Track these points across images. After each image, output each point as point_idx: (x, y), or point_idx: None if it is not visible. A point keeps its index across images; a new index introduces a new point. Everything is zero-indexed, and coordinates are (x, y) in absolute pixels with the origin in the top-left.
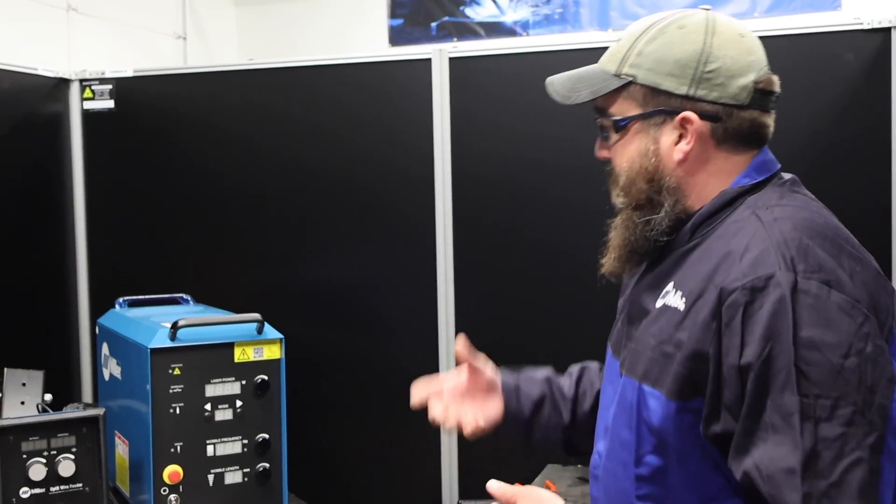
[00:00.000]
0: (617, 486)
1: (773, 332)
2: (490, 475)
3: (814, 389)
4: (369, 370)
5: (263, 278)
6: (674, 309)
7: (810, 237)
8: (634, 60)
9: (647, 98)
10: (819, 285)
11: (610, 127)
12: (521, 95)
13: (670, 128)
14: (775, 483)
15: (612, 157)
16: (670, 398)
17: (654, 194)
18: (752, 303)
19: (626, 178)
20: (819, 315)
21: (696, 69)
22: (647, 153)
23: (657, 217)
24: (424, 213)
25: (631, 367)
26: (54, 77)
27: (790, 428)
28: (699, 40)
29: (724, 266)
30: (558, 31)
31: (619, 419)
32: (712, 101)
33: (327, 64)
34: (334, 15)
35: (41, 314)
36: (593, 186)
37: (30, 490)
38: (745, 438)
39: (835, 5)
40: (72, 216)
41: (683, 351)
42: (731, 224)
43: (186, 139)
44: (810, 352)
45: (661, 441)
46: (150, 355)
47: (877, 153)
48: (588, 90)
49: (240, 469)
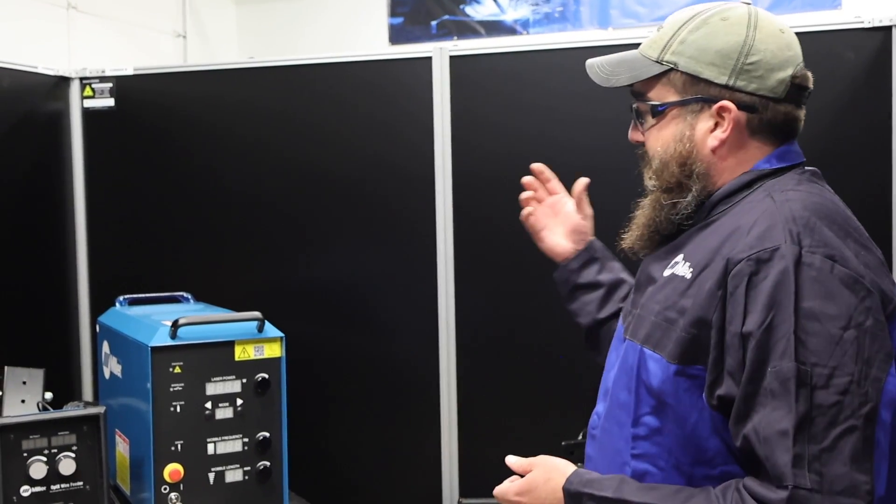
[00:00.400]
0: (613, 444)
1: (774, 302)
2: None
3: (811, 358)
4: (370, 368)
5: (264, 277)
6: (680, 277)
7: (819, 217)
8: (677, 48)
9: (686, 85)
10: (823, 259)
11: (647, 111)
12: (521, 94)
13: (707, 115)
14: (769, 445)
15: (645, 140)
16: (671, 361)
17: (684, 178)
18: (756, 273)
19: (659, 162)
20: (821, 287)
21: (737, 60)
22: (682, 138)
23: (684, 201)
24: (425, 212)
25: (634, 331)
26: (54, 75)
27: (787, 393)
28: (742, 32)
29: (732, 239)
30: (558, 30)
31: (619, 381)
32: (751, 93)
33: (328, 62)
34: (335, 13)
35: (42, 312)
36: (594, 185)
37: (30, 488)
38: (745, 404)
39: (835, 4)
40: (72, 214)
41: (687, 317)
42: (746, 204)
43: (187, 137)
44: (810, 322)
45: (660, 402)
46: (151, 353)
47: (877, 151)
48: (627, 74)
49: (240, 467)
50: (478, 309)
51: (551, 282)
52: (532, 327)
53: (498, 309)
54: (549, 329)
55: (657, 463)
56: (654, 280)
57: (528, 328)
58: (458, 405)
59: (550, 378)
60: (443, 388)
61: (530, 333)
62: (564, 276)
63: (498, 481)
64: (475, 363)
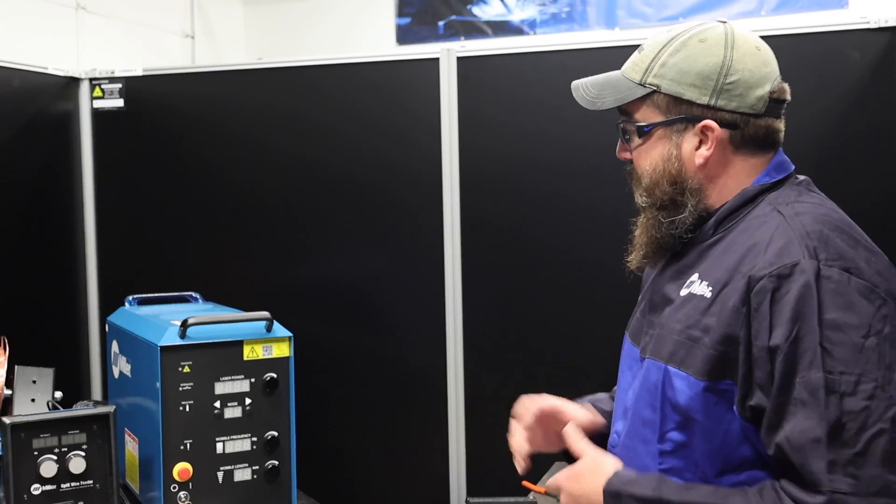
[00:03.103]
0: (638, 461)
1: (799, 315)
2: (498, 473)
3: (838, 367)
4: (377, 368)
5: (272, 277)
6: (699, 297)
7: (830, 229)
8: (658, 71)
9: (670, 106)
10: (840, 272)
11: (633, 131)
12: (529, 95)
13: (691, 134)
14: (804, 453)
15: (634, 158)
16: (700, 378)
17: (677, 195)
18: (778, 289)
19: (649, 180)
20: (841, 299)
21: (717, 81)
22: (669, 157)
23: (681, 216)
24: (432, 213)
25: (655, 350)
26: (64, 76)
27: (817, 402)
28: (720, 54)
29: (750, 256)
30: (565, 30)
31: (641, 400)
32: (731, 111)
33: (335, 63)
34: (342, 14)
35: (51, 312)
36: (601, 186)
37: (41, 487)
38: (776, 414)
39: (841, 4)
40: (81, 214)
41: (713, 335)
42: (752, 219)
43: (195, 138)
44: (834, 332)
45: (686, 418)
46: (160, 353)
47: (883, 151)
48: (613, 97)
49: (249, 466)
50: (485, 309)
51: (558, 282)
52: (539, 327)
53: (505, 309)
54: (555, 329)
55: (684, 476)
56: (671, 300)
57: (534, 327)
58: (466, 405)
59: (557, 378)
60: (450, 387)
61: (537, 333)
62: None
63: (505, 481)
64: (482, 363)
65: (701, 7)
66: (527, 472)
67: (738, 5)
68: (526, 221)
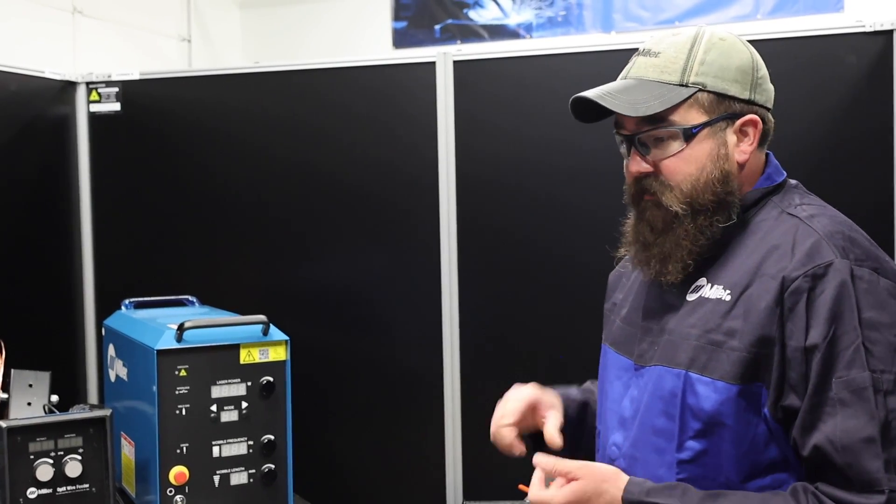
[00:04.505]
0: (650, 472)
1: (836, 315)
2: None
3: (879, 365)
4: (374, 372)
5: (269, 280)
6: (716, 300)
7: (849, 230)
8: (700, 69)
9: (713, 104)
10: (870, 272)
11: (670, 136)
12: (525, 98)
13: (730, 132)
14: (853, 452)
15: (663, 167)
16: (731, 382)
17: (725, 196)
18: (814, 289)
19: (693, 186)
20: (874, 298)
21: (752, 75)
22: (719, 157)
23: (723, 216)
24: (429, 216)
25: (665, 357)
26: (61, 80)
27: (863, 401)
28: (745, 49)
29: (774, 258)
30: (561, 34)
31: (652, 408)
32: (762, 105)
33: (332, 67)
34: (338, 18)
35: (48, 316)
36: (597, 189)
37: (37, 490)
38: (811, 415)
39: (837, 7)
40: (78, 218)
41: (744, 337)
42: (760, 222)
43: (192, 142)
44: (872, 331)
45: (710, 425)
46: (157, 357)
47: (879, 155)
48: (657, 101)
49: (245, 470)
50: (481, 312)
51: (555, 285)
52: (535, 330)
53: (501, 312)
54: (552, 332)
55: (701, 484)
56: (674, 305)
57: (531, 330)
58: (462, 408)
59: (553, 380)
60: (447, 391)
61: (533, 336)
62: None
63: (501, 484)
64: (479, 366)
65: (697, 10)
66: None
67: (735, 8)
68: (522, 224)
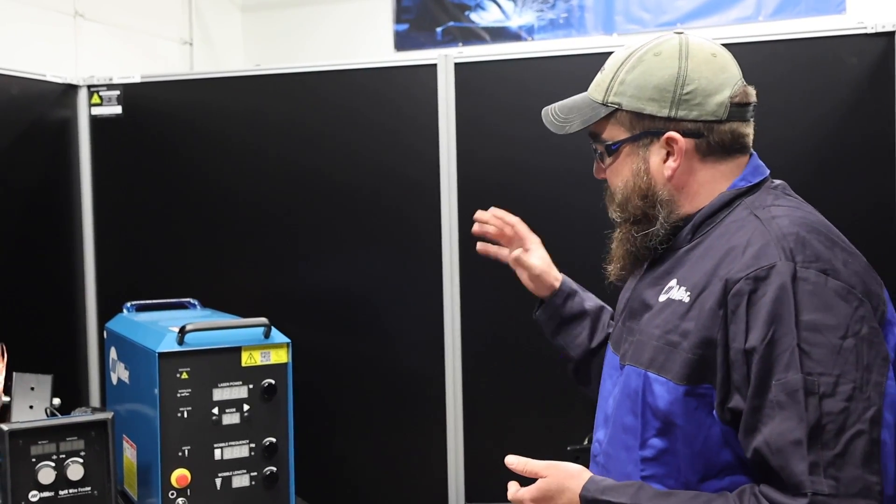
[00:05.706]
0: (620, 469)
1: (775, 317)
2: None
3: (817, 368)
4: (376, 374)
5: (270, 283)
6: (678, 302)
7: (807, 231)
8: (618, 89)
9: (633, 122)
10: (817, 273)
11: (603, 151)
12: (526, 101)
13: (657, 147)
14: (784, 455)
15: (607, 177)
16: (679, 383)
17: (648, 209)
18: (755, 291)
19: (621, 196)
20: (818, 300)
21: (674, 92)
22: (638, 172)
23: (654, 229)
24: (430, 219)
25: (635, 356)
26: (62, 83)
27: (795, 403)
28: (674, 65)
29: (728, 260)
30: (563, 36)
31: (622, 406)
32: (693, 120)
33: (333, 69)
34: (340, 20)
35: (49, 319)
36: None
37: (39, 493)
38: (752, 417)
39: (839, 9)
40: (80, 221)
41: (692, 339)
42: (730, 223)
43: (193, 145)
44: (812, 334)
45: (667, 424)
46: (158, 359)
47: (880, 157)
48: (579, 120)
49: (247, 473)
50: (483, 314)
51: None
52: (536, 332)
53: (503, 314)
54: None
55: (666, 483)
56: (650, 306)
57: (532, 334)
58: (464, 410)
59: (556, 383)
60: (448, 393)
61: (535, 339)
62: (550, 311)
63: (503, 486)
64: (480, 368)
65: (698, 12)
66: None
67: (736, 11)
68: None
